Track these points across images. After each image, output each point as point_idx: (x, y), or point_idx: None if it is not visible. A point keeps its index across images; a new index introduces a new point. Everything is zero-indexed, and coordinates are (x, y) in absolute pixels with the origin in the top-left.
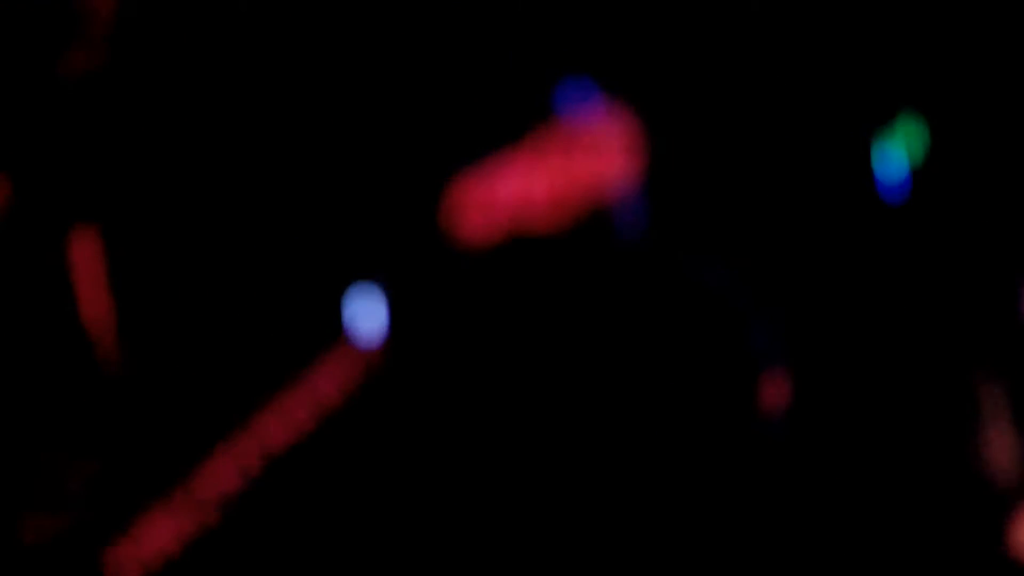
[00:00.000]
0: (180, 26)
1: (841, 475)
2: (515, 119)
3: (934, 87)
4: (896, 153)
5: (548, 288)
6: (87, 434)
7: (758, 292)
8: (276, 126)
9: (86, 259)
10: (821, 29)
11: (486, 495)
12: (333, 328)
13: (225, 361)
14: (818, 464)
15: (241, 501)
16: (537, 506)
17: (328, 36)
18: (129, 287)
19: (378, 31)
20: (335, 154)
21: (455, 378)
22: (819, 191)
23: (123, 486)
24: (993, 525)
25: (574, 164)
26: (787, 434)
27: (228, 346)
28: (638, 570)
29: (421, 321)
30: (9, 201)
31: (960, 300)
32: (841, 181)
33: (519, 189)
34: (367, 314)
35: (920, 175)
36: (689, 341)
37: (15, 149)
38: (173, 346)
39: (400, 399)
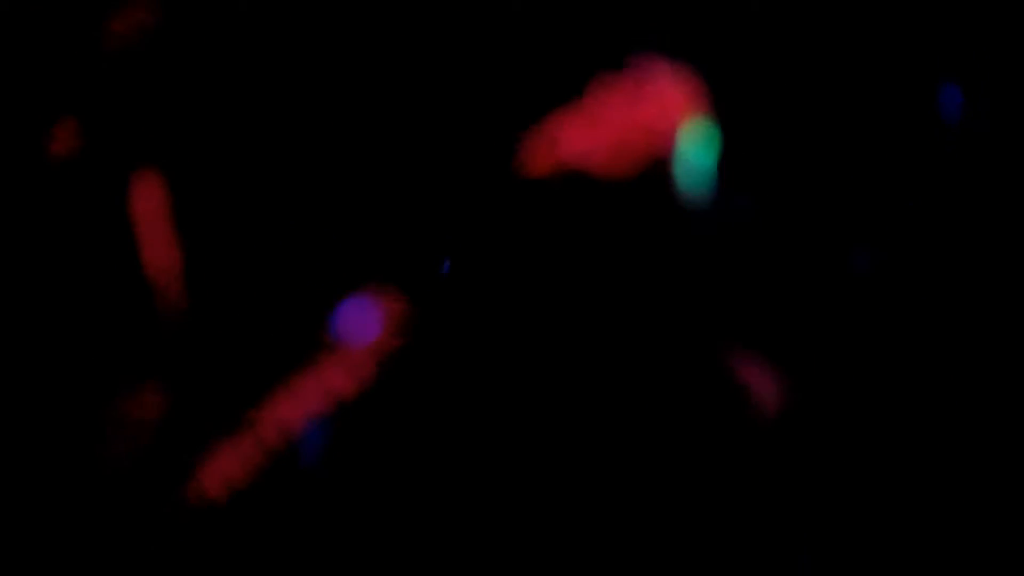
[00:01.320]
0: None
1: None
2: (576, 75)
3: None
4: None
5: (613, 237)
6: (152, 376)
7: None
8: (338, 75)
9: (149, 202)
10: None
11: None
12: (397, 269)
13: (288, 304)
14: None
15: (302, 441)
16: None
17: None
18: (193, 230)
19: None
20: (399, 105)
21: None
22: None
23: (188, 426)
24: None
25: (637, 112)
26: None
27: (292, 289)
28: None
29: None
30: (77, 143)
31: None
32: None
33: (581, 137)
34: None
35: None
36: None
37: (81, 94)
38: (237, 288)
39: (458, 344)
